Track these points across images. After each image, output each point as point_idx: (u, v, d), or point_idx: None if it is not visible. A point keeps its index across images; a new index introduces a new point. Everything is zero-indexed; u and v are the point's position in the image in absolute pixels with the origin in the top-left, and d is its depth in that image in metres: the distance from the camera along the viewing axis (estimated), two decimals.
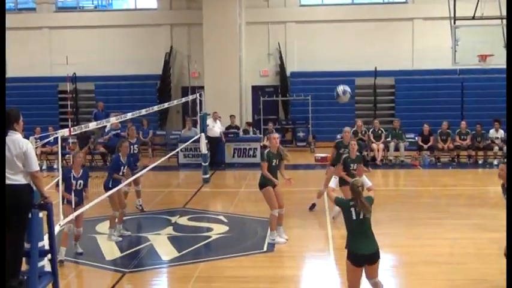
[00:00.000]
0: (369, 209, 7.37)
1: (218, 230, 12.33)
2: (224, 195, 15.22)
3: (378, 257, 7.35)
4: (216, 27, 23.36)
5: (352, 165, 12.06)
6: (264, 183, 11.25)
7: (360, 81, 25.30)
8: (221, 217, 13.44)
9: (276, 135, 12.05)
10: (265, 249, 11.08)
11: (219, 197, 16.43)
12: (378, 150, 20.51)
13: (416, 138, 21.18)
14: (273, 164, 11.36)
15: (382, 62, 24.95)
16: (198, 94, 18.66)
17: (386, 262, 10.44)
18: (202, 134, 17.84)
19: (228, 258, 10.74)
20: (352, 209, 7.33)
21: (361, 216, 7.31)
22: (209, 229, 12.41)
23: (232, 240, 11.60)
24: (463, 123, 21.14)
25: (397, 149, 20.75)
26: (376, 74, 25.11)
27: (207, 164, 17.58)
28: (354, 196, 7.36)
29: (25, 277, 6.74)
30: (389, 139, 20.84)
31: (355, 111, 25.08)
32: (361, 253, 7.24)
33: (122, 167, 12.09)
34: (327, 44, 25.61)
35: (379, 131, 21.04)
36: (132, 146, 13.87)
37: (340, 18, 25.74)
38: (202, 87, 22.47)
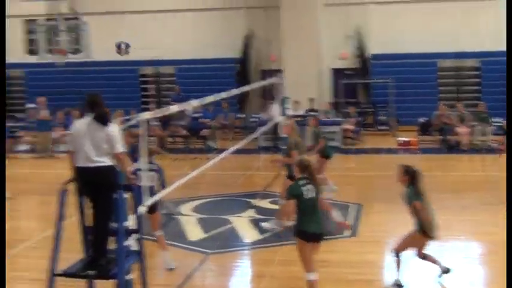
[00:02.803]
0: None
1: None
2: None
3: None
4: (294, 9, 23.16)
5: None
6: None
7: (443, 63, 24.60)
8: None
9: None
10: (348, 233, 10.93)
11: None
12: (463, 135, 19.91)
13: (503, 122, 20.42)
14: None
15: (466, 43, 24.12)
16: (276, 77, 18.54)
17: (473, 250, 10.16)
18: (281, 117, 17.72)
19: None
20: None
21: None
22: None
23: None
24: None
25: (484, 133, 20.09)
26: (459, 55, 24.34)
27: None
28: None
29: (113, 256, 6.85)
30: (474, 123, 20.19)
31: (438, 94, 24.42)
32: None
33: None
34: (408, 25, 24.93)
35: (464, 115, 20.42)
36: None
37: None
38: (281, 71, 22.36)
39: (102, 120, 6.84)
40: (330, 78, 25.56)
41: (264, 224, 11.29)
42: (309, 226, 7.63)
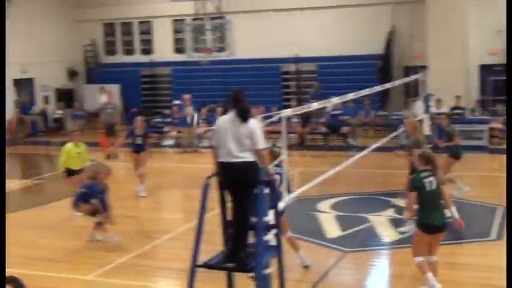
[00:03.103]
0: None
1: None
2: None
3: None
4: (441, 4, 22.48)
5: None
6: None
7: None
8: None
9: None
10: (493, 237, 10.51)
11: (452, 186, 15.84)
12: None
13: None
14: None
15: None
16: (421, 74, 18.09)
17: None
18: (425, 115, 17.29)
19: (451, 244, 10.35)
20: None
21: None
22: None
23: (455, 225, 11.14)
24: None
25: None
26: None
27: (431, 145, 17.03)
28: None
29: (252, 249, 6.99)
30: None
31: None
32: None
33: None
34: None
35: None
36: (138, 137, 14.72)
37: None
38: (424, 67, 21.80)
39: (244, 116, 6.98)
40: (477, 75, 24.57)
41: (402, 229, 11.02)
42: (432, 218, 7.77)
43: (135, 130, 14.75)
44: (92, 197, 10.71)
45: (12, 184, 16.02)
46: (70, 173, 12.88)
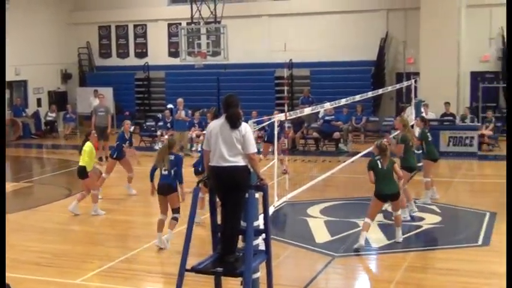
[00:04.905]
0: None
1: (430, 220, 12.01)
2: (437, 185, 14.72)
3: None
4: (435, 11, 22.59)
5: None
6: None
7: None
8: (434, 207, 13.05)
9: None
10: (480, 242, 10.61)
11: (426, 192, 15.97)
12: None
13: None
14: None
15: None
16: (413, 80, 18.23)
17: None
18: (416, 120, 17.41)
19: (440, 249, 10.45)
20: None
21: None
22: (421, 218, 12.12)
23: (444, 231, 11.25)
24: None
25: None
26: None
27: (420, 152, 17.14)
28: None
29: (241, 254, 7.05)
30: None
31: None
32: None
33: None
34: None
35: None
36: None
37: None
38: (417, 73, 21.92)
39: (233, 121, 7.05)
40: (468, 81, 24.72)
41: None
42: (384, 189, 10.42)
43: (124, 134, 14.84)
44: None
45: None
46: (87, 173, 12.97)
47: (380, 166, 10.44)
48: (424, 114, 19.18)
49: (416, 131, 14.27)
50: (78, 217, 12.93)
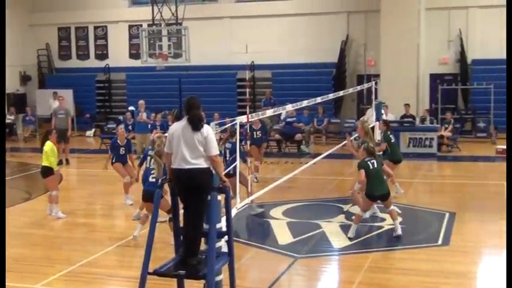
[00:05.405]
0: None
1: (391, 221, 12.12)
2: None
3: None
4: (394, 14, 22.85)
5: None
6: None
7: None
8: (394, 207, 13.16)
9: None
10: (439, 242, 10.76)
11: (392, 187, 16.14)
12: None
13: None
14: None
15: None
16: (373, 82, 18.38)
17: None
18: (377, 122, 17.57)
19: (401, 249, 10.56)
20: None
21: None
22: (382, 219, 12.24)
23: (405, 231, 11.37)
24: None
25: None
26: None
27: (380, 153, 17.33)
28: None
29: (203, 256, 7.03)
30: None
31: None
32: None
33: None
34: None
35: None
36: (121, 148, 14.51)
37: None
38: (378, 76, 22.15)
39: (195, 123, 7.03)
40: (428, 83, 25.07)
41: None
42: (374, 190, 10.92)
43: (117, 141, 14.51)
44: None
45: None
46: (50, 172, 12.75)
47: (371, 167, 10.93)
48: (384, 116, 19.39)
49: (378, 133, 14.41)
50: (37, 221, 12.76)
